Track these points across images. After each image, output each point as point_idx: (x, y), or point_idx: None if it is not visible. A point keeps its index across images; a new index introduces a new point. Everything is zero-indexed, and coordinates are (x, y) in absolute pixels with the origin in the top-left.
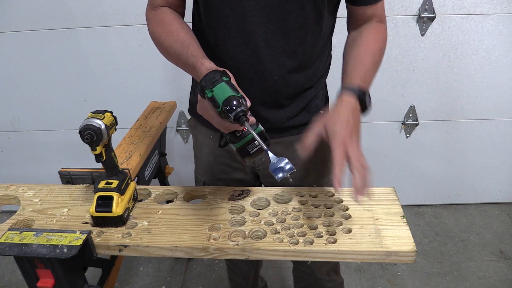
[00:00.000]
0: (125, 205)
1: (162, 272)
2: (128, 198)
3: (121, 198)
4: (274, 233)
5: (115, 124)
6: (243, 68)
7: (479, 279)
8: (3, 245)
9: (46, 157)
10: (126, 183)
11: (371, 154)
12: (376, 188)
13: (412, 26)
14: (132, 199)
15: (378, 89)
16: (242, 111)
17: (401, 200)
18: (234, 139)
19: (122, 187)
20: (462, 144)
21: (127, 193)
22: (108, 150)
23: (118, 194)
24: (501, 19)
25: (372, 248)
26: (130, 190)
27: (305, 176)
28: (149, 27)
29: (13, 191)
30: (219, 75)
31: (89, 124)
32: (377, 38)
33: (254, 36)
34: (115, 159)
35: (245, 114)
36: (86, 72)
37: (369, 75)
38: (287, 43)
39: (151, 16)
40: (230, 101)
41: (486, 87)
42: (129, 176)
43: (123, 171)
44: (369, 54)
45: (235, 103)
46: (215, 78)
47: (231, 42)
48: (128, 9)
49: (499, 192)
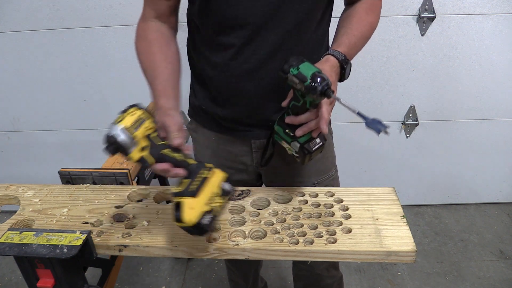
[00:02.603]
0: (202, 209)
1: (162, 272)
2: (207, 198)
3: (194, 202)
4: (274, 233)
5: (147, 117)
6: (246, 67)
7: (479, 279)
8: (3, 245)
9: (46, 157)
10: (202, 179)
11: (371, 154)
12: (376, 188)
13: (412, 26)
14: (219, 195)
15: (378, 89)
16: (327, 84)
17: (401, 200)
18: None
19: (193, 186)
20: (462, 144)
21: (205, 192)
22: (155, 148)
23: (190, 198)
24: (501, 19)
25: (372, 248)
26: (210, 185)
27: (307, 173)
28: (135, 40)
29: (13, 191)
30: (301, 58)
31: (107, 136)
32: (369, 12)
33: (255, 35)
34: (174, 155)
35: (330, 87)
36: (86, 72)
37: (356, 46)
38: (288, 40)
39: (138, 29)
40: (316, 75)
41: (486, 87)
42: (208, 167)
43: (199, 163)
44: (359, 26)
45: (321, 77)
46: (299, 58)
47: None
48: (127, 9)
49: (499, 192)
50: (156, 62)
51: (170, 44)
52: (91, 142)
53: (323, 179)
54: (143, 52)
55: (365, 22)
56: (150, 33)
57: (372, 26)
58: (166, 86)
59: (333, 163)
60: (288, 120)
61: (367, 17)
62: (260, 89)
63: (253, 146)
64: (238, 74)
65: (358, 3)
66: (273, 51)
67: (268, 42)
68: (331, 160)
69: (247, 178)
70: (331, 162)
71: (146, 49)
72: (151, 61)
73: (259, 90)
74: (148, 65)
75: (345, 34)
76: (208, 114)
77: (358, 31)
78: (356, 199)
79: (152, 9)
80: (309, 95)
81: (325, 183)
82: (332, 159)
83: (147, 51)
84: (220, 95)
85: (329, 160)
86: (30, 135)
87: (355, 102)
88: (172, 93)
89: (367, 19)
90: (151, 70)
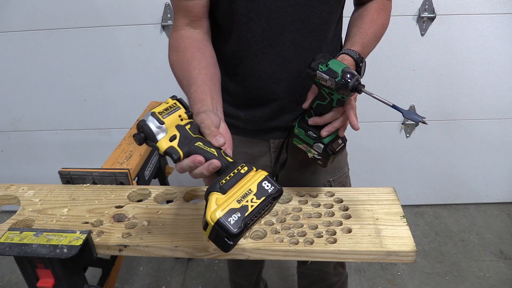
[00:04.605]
0: (230, 206)
1: (162, 272)
2: (240, 196)
3: (222, 198)
4: (274, 233)
5: (179, 107)
6: (271, 69)
7: (479, 279)
8: (3, 245)
9: (46, 157)
10: (236, 175)
11: (371, 154)
12: (376, 188)
13: (412, 26)
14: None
15: (378, 89)
16: (357, 79)
17: (401, 200)
18: (317, 138)
19: (223, 181)
20: (462, 144)
21: (237, 188)
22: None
23: (217, 194)
24: (501, 19)
25: (372, 248)
26: (245, 182)
27: (322, 171)
28: (168, 53)
29: (13, 191)
30: (327, 55)
31: (138, 122)
32: (380, 12)
33: (280, 37)
34: (211, 150)
35: (360, 82)
36: (86, 72)
37: (369, 45)
38: (313, 40)
39: (170, 40)
40: (347, 71)
41: (486, 87)
42: (246, 165)
43: (236, 161)
44: (371, 26)
45: (351, 72)
46: (325, 56)
47: (257, 45)
48: (128, 9)
49: (499, 192)
50: (189, 70)
51: (203, 49)
52: (91, 142)
53: (337, 177)
54: (176, 63)
55: (377, 22)
56: (182, 42)
57: (383, 26)
58: (200, 92)
59: (346, 161)
60: (312, 121)
61: (379, 17)
62: (286, 91)
63: (272, 146)
64: (263, 78)
65: (370, 4)
66: (299, 52)
67: (294, 44)
68: (344, 158)
69: None
70: (345, 160)
71: (178, 59)
72: (184, 70)
73: (285, 92)
74: (182, 75)
75: (358, 33)
76: (225, 116)
77: (370, 30)
78: (356, 199)
79: (183, 16)
80: (340, 91)
81: (339, 181)
82: (345, 157)
83: (180, 60)
84: (242, 97)
85: (343, 157)
86: (30, 135)
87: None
88: (206, 98)
89: (379, 20)
90: (186, 79)
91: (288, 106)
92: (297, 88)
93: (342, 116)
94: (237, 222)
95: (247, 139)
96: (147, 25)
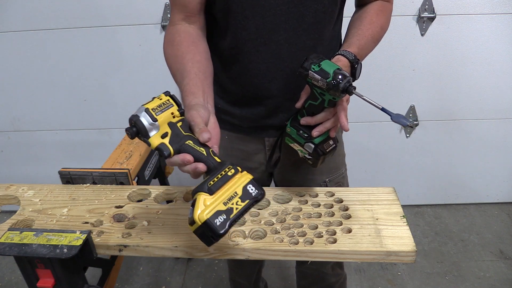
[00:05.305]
0: (216, 208)
1: (162, 272)
2: (226, 198)
3: (210, 199)
4: (274, 233)
5: (172, 104)
6: (265, 67)
7: (479, 279)
8: (3, 245)
9: (46, 157)
10: (223, 177)
11: (371, 154)
12: (376, 188)
13: (412, 26)
14: (240, 198)
15: (378, 89)
16: (349, 81)
17: (401, 200)
18: (308, 138)
19: (211, 182)
20: (462, 144)
21: (224, 190)
22: (178, 138)
23: (205, 194)
24: (501, 19)
25: (372, 248)
26: (231, 185)
27: (318, 171)
28: (163, 47)
29: (13, 191)
30: (321, 56)
31: (131, 116)
32: (379, 14)
33: (274, 35)
34: (199, 149)
35: (351, 84)
36: (86, 72)
37: (366, 47)
38: (307, 38)
39: (166, 35)
40: (338, 72)
41: (486, 87)
42: (233, 167)
43: (223, 162)
44: (370, 27)
45: (343, 74)
46: (319, 56)
47: (252, 43)
48: (128, 9)
49: (499, 192)
50: (183, 63)
51: (197, 43)
52: (91, 142)
53: (333, 177)
54: (171, 56)
55: (376, 24)
56: (178, 36)
57: (383, 28)
58: (192, 85)
59: (343, 161)
60: (304, 121)
61: (378, 19)
62: (280, 90)
63: (267, 144)
64: (258, 76)
65: (369, 5)
66: (294, 51)
67: (288, 42)
68: (341, 158)
69: (257, 177)
70: (341, 160)
71: (173, 52)
72: (178, 63)
73: (279, 90)
74: (176, 68)
75: (356, 35)
76: (221, 112)
77: (369, 32)
78: (356, 199)
79: (180, 11)
80: (331, 92)
81: (335, 181)
82: (342, 158)
83: (174, 54)
84: (238, 94)
85: (339, 158)
86: (30, 135)
87: (355, 101)
88: (198, 91)
89: (378, 21)
90: (179, 72)
91: (283, 105)
92: (291, 86)
93: (334, 117)
94: (222, 224)
95: (242, 136)
96: (147, 25)
